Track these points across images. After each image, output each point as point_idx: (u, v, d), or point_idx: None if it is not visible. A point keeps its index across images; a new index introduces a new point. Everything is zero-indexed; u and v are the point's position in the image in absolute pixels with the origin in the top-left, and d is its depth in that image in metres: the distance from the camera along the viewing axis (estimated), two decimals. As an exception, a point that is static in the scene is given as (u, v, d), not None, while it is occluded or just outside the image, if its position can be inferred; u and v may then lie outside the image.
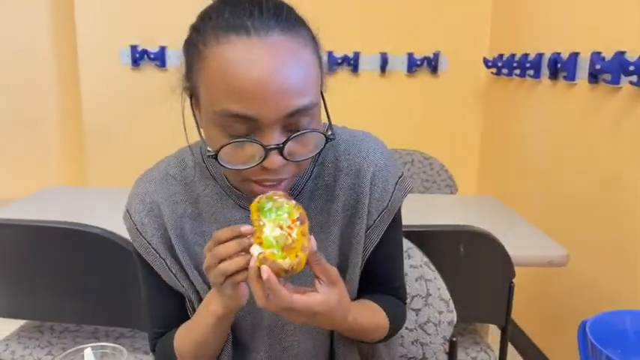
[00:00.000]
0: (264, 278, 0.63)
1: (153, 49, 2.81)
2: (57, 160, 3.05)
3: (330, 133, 0.72)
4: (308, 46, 0.69)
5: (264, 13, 0.66)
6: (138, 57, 2.81)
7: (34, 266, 1.34)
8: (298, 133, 0.68)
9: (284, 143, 0.67)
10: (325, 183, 0.83)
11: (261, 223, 0.66)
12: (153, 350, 0.90)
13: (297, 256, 0.65)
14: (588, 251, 1.89)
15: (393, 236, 0.88)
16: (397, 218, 0.88)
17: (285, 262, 0.64)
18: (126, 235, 1.26)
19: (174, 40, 2.81)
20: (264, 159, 0.67)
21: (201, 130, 0.74)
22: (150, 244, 0.82)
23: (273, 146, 0.66)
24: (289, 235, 0.66)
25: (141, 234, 0.82)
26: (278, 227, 0.66)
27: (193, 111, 0.76)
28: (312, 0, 0.92)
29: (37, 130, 3.01)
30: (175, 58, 2.83)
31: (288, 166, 0.70)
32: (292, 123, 0.67)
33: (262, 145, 0.66)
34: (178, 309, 0.85)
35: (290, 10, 0.70)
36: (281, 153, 0.67)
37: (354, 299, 0.87)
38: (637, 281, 1.64)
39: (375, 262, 0.86)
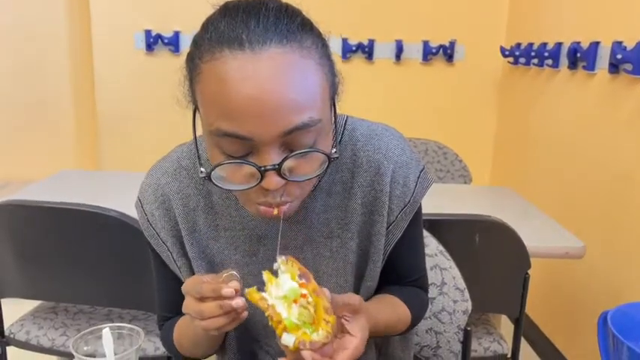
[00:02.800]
0: None
1: (167, 33, 2.80)
2: (71, 143, 3.07)
3: (334, 151, 0.66)
4: (311, 57, 0.63)
5: (261, 23, 0.61)
6: (152, 42, 2.80)
7: (49, 248, 1.35)
8: (295, 153, 0.62)
9: (280, 164, 0.62)
10: (342, 179, 0.80)
11: (270, 304, 0.62)
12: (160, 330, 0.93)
13: (326, 322, 0.62)
14: (604, 244, 1.87)
15: (414, 230, 0.86)
16: (418, 211, 0.86)
17: (321, 335, 0.61)
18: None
19: (188, 24, 2.81)
20: (261, 179, 0.63)
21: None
22: (159, 235, 0.82)
23: (269, 167, 0.62)
24: (308, 304, 0.62)
25: (151, 225, 0.82)
26: (293, 303, 0.62)
27: (196, 123, 0.72)
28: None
29: (51, 113, 3.02)
30: (189, 42, 2.81)
31: (291, 187, 0.65)
32: (291, 141, 0.62)
33: (256, 167, 0.62)
34: (183, 297, 0.86)
35: (293, 17, 0.64)
36: (279, 173, 0.62)
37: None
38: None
39: (396, 256, 0.85)
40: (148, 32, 2.79)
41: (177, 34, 2.80)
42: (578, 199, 2.08)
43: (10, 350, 1.48)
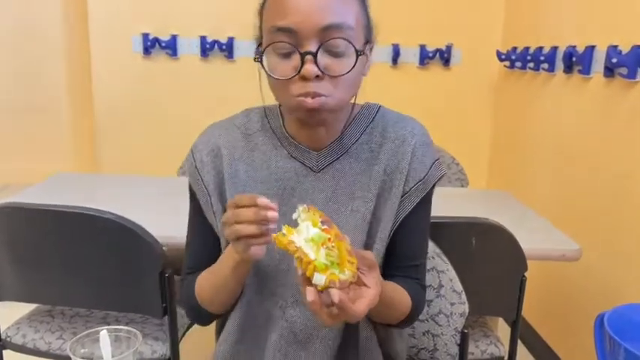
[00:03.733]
0: (335, 301, 0.66)
1: (164, 37, 2.80)
2: (69, 146, 3.06)
3: (360, 51, 0.80)
4: None
5: None
6: (149, 45, 2.80)
7: (45, 250, 1.35)
8: (330, 40, 0.77)
9: (316, 53, 0.77)
10: (371, 148, 0.92)
11: (297, 246, 0.67)
12: (180, 281, 0.98)
13: (351, 262, 0.67)
14: (600, 246, 1.88)
15: (422, 214, 0.94)
16: (429, 199, 0.95)
17: (348, 275, 0.67)
18: (137, 220, 1.27)
19: (185, 28, 2.82)
20: (301, 68, 0.77)
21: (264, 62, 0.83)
22: (202, 180, 0.92)
23: (307, 52, 0.77)
24: (333, 247, 0.68)
25: (197, 170, 0.93)
26: (320, 246, 0.68)
27: (259, 58, 0.84)
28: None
29: (49, 116, 3.02)
30: (186, 46, 2.82)
31: (325, 82, 0.79)
32: (328, 40, 0.78)
33: (298, 51, 0.77)
34: (210, 252, 0.93)
35: None
36: (315, 62, 0.77)
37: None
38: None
39: (402, 234, 0.92)
40: (145, 36, 2.79)
41: (174, 38, 2.80)
42: (575, 202, 2.09)
43: (7, 354, 1.48)
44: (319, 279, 0.66)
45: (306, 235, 0.69)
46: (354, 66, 0.80)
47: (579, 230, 1.92)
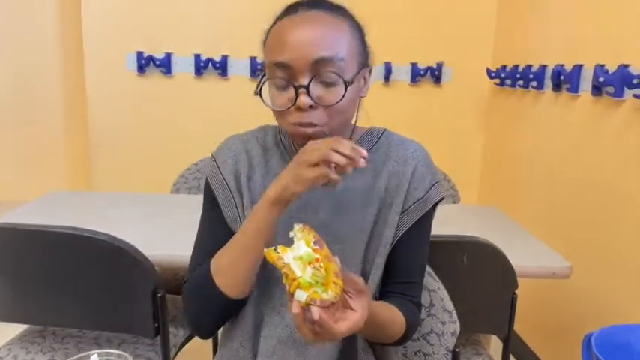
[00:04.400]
0: (315, 318, 0.68)
1: (159, 55, 2.83)
2: (63, 164, 3.06)
3: (351, 80, 0.86)
4: (345, 22, 0.89)
5: (313, 2, 0.90)
6: (144, 63, 2.83)
7: (37, 271, 1.34)
8: (321, 73, 0.84)
9: (308, 85, 0.83)
10: (375, 166, 0.98)
11: (286, 262, 0.69)
12: (184, 284, 0.98)
13: (336, 284, 0.69)
14: (591, 263, 1.89)
15: (421, 233, 0.99)
16: (428, 220, 1.00)
17: (330, 295, 0.69)
18: (130, 239, 1.28)
19: (179, 46, 2.84)
20: (295, 99, 0.84)
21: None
22: (224, 178, 0.99)
23: (300, 85, 0.84)
24: (320, 267, 0.69)
25: (219, 169, 1.00)
26: (307, 265, 0.69)
27: (259, 92, 0.91)
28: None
29: (43, 133, 3.02)
30: (181, 64, 2.84)
31: (319, 111, 0.86)
32: (321, 73, 0.84)
33: (292, 85, 0.84)
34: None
35: (336, 4, 0.92)
36: (308, 94, 0.84)
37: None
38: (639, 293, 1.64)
39: (400, 251, 0.97)
40: (139, 54, 2.82)
41: (168, 56, 2.83)
42: (565, 219, 2.11)
43: (-3, 375, 1.46)
44: (301, 295, 0.68)
45: (296, 253, 0.70)
46: (343, 96, 0.85)
47: (570, 246, 1.93)
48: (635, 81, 1.64)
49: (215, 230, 0.98)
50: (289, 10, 0.91)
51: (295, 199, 0.84)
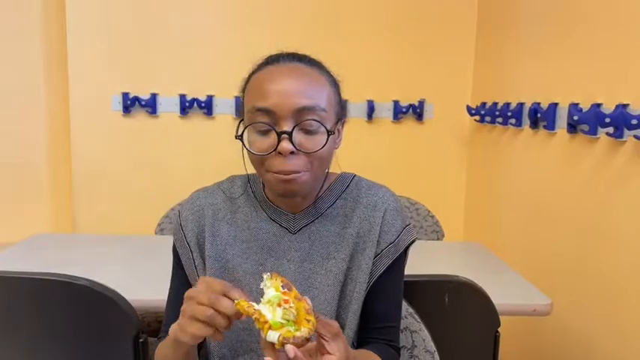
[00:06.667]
0: (291, 357, 0.69)
1: (144, 95, 2.86)
2: (46, 205, 3.04)
3: (331, 130, 0.90)
4: (323, 75, 0.94)
5: (293, 55, 0.95)
6: (129, 104, 2.85)
7: (19, 316, 1.33)
8: (304, 121, 0.88)
9: (291, 132, 0.87)
10: (345, 212, 1.01)
11: (256, 309, 0.71)
12: (158, 339, 1.01)
13: (307, 320, 0.71)
14: (572, 299, 1.91)
15: (395, 277, 1.01)
16: (401, 263, 1.03)
17: (304, 332, 0.70)
18: (113, 283, 1.28)
19: (165, 87, 2.88)
20: (277, 145, 0.86)
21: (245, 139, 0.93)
22: (185, 237, 1.01)
23: (283, 131, 0.87)
24: (290, 307, 0.71)
25: (182, 228, 1.01)
26: (277, 306, 0.71)
27: (239, 130, 0.94)
28: (301, 49, 1.02)
29: (27, 174, 3.01)
30: (166, 105, 2.88)
31: (299, 158, 0.88)
32: (303, 121, 0.88)
33: (275, 130, 0.87)
34: None
35: (315, 59, 0.97)
36: (290, 140, 0.86)
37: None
38: (621, 329, 1.66)
39: (375, 295, 0.98)
40: (125, 94, 2.85)
41: (154, 97, 2.86)
42: (544, 255, 2.13)
43: None
44: (272, 336, 0.69)
45: (266, 298, 0.73)
46: (325, 144, 0.90)
47: (550, 282, 1.95)
48: (607, 120, 1.69)
49: (183, 289, 0.91)
50: (270, 60, 0.95)
51: (194, 342, 0.79)
